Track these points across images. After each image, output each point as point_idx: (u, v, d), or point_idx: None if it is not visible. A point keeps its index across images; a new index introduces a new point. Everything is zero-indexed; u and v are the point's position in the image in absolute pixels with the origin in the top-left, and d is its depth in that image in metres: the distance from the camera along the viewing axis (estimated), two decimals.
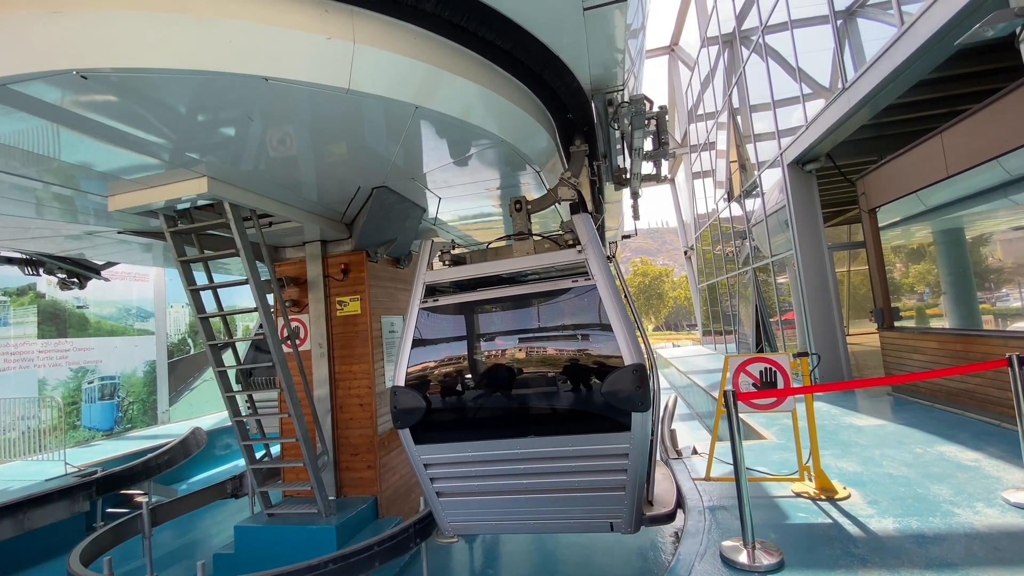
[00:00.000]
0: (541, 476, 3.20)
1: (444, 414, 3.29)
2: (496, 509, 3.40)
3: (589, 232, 3.22)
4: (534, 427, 3.17)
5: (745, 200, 12.37)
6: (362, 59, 2.48)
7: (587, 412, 3.10)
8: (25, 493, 5.99)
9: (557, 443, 3.08)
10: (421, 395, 3.24)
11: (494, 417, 3.28)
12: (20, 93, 2.31)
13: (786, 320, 10.53)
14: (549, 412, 3.19)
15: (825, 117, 7.45)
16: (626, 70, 4.01)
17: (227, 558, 4.63)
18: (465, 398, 3.31)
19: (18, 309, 9.25)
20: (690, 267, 24.49)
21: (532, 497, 3.27)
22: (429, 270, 3.44)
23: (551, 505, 3.28)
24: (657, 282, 65.44)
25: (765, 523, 3.51)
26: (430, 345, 3.38)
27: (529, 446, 3.13)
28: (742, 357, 4.33)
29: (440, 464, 3.33)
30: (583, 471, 3.11)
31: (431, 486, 3.40)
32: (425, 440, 3.28)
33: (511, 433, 3.20)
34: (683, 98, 20.99)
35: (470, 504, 3.42)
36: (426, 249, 3.49)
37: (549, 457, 3.12)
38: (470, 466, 3.30)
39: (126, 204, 3.66)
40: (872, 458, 4.68)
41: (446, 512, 3.49)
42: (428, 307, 3.36)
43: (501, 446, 3.20)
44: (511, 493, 3.30)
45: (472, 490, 3.37)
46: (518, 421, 3.22)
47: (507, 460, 3.21)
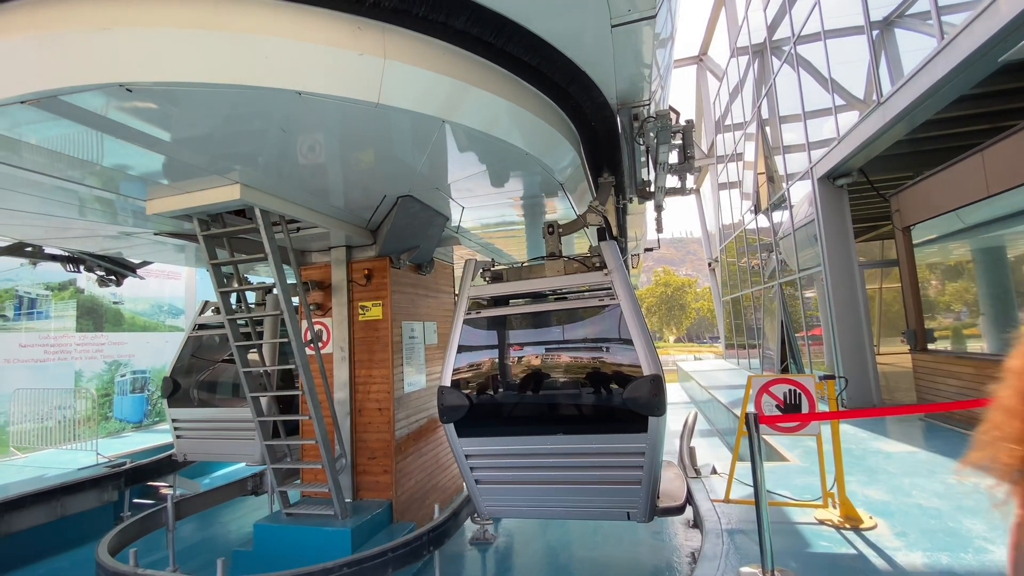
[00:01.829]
0: (567, 469, 3.61)
1: (484, 412, 3.72)
2: (527, 496, 3.81)
3: (615, 258, 3.63)
4: (562, 426, 3.61)
5: (772, 212, 12.13)
6: (392, 74, 2.54)
7: (609, 415, 3.49)
8: (59, 481, 6.23)
9: (582, 441, 3.50)
10: (464, 394, 3.67)
11: (527, 416, 3.75)
12: (68, 103, 2.42)
13: (813, 336, 10.26)
14: (575, 413, 3.64)
15: (858, 131, 7.28)
16: (653, 84, 4.00)
17: (246, 554, 4.73)
18: (502, 398, 3.77)
19: (59, 303, 9.66)
20: (714, 279, 24.10)
21: (559, 487, 3.68)
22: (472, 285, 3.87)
23: (575, 495, 3.67)
24: (680, 293, 64.60)
25: (785, 550, 3.42)
26: (472, 351, 3.84)
27: (557, 442, 3.56)
28: (766, 377, 4.24)
29: (479, 455, 3.76)
30: (604, 467, 3.51)
31: (471, 474, 3.82)
32: (467, 434, 3.71)
33: (542, 430, 3.64)
34: (711, 108, 20.75)
35: (504, 491, 3.85)
36: (469, 267, 3.92)
37: (575, 453, 3.54)
38: (505, 458, 3.74)
39: (163, 208, 3.81)
40: (901, 487, 4.52)
41: (483, 497, 3.90)
42: (471, 318, 3.81)
43: (533, 441, 3.64)
44: (540, 483, 3.72)
45: (506, 479, 3.80)
46: (548, 420, 3.68)
47: (538, 454, 3.64)
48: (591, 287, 3.74)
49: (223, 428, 6.03)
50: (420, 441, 5.88)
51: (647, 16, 2.84)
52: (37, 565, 5.48)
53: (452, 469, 6.76)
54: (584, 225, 4.31)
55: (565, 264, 3.90)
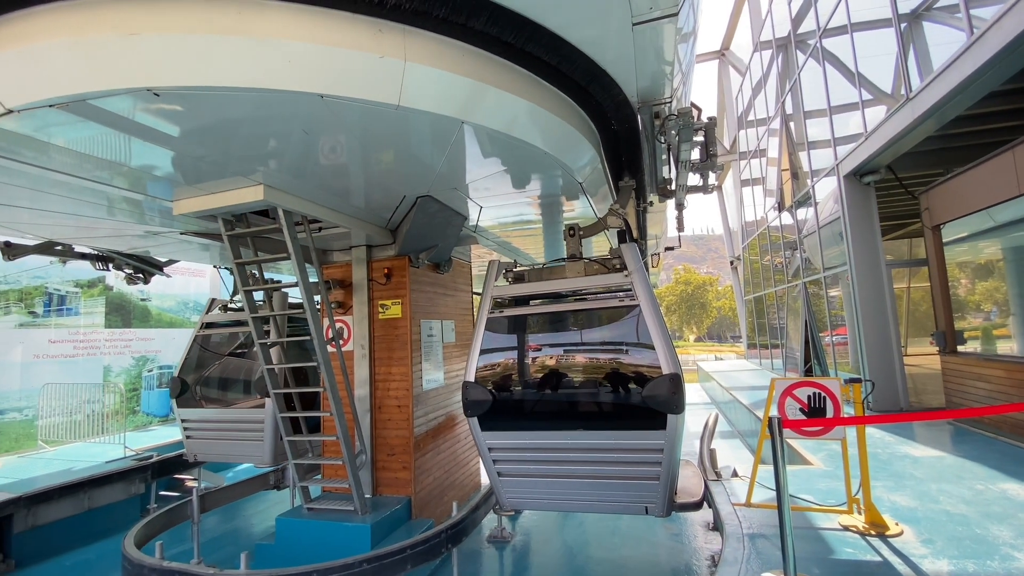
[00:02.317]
0: (587, 463, 3.72)
1: (506, 406, 3.87)
2: (547, 489, 3.91)
3: (636, 261, 3.75)
4: (583, 421, 3.72)
5: (796, 210, 11.89)
6: (412, 76, 2.55)
7: (628, 412, 3.60)
8: (87, 474, 6.42)
9: (602, 436, 3.63)
10: (487, 390, 3.84)
11: (549, 411, 3.88)
12: (97, 107, 2.48)
13: (837, 335, 10.05)
14: (596, 409, 3.74)
15: (886, 128, 7.08)
16: (674, 81, 3.94)
17: (268, 548, 4.82)
18: (524, 394, 3.92)
19: (88, 300, 9.95)
20: (736, 277, 23.75)
21: (579, 481, 3.77)
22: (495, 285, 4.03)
23: (594, 488, 3.76)
24: (700, 291, 63.81)
25: (808, 556, 3.36)
26: (495, 348, 4.00)
27: (578, 438, 3.68)
28: (789, 380, 4.16)
29: (501, 448, 3.90)
30: (623, 462, 3.62)
31: (493, 467, 3.95)
32: (490, 427, 3.85)
33: (563, 426, 3.75)
34: (733, 104, 20.40)
35: (526, 484, 3.95)
36: (492, 268, 4.08)
37: (595, 448, 3.66)
38: (527, 451, 3.88)
39: (189, 208, 3.89)
40: (928, 493, 4.40)
41: (505, 489, 4.00)
42: (494, 317, 3.97)
43: (554, 436, 3.76)
44: (561, 476, 3.82)
45: (528, 472, 3.92)
46: (569, 415, 3.79)
47: (559, 448, 3.76)
48: (611, 288, 3.84)
49: (232, 429, 6.05)
50: (438, 438, 5.92)
51: (669, 14, 2.79)
52: (65, 556, 5.66)
53: (470, 466, 6.79)
54: (605, 228, 4.40)
55: (586, 266, 4.02)
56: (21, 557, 5.43)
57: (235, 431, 6.00)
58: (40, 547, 5.60)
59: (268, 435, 5.64)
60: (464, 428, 6.65)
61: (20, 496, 5.52)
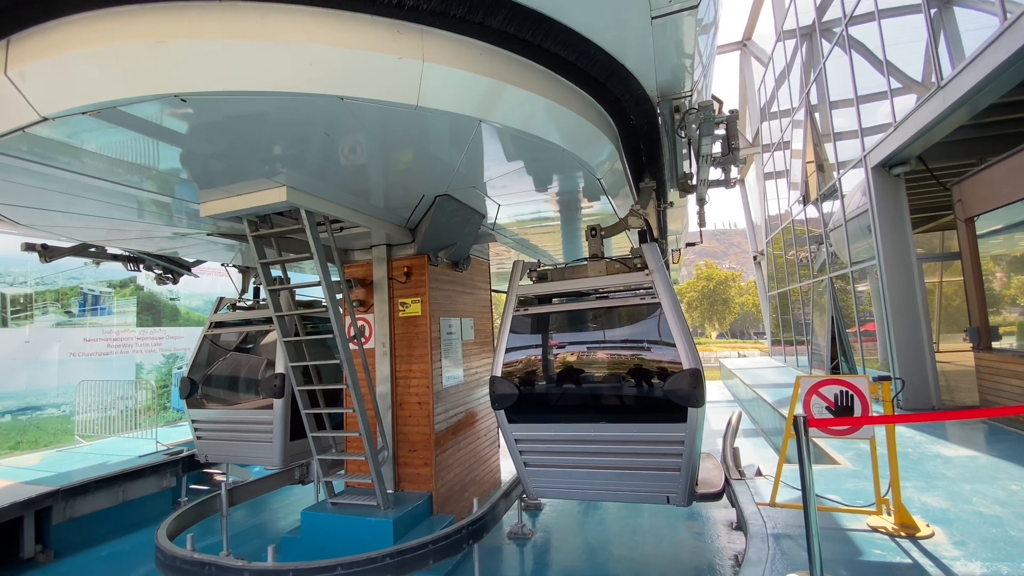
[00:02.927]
0: (611, 455, 3.84)
1: (532, 400, 4.02)
2: (572, 479, 4.04)
3: (656, 260, 3.85)
4: (606, 414, 3.86)
5: (822, 203, 11.62)
6: (430, 76, 2.56)
7: (651, 405, 3.72)
8: (121, 468, 6.65)
9: (625, 429, 3.75)
10: (513, 384, 3.99)
11: (573, 404, 4.03)
12: (128, 113, 2.56)
13: (865, 332, 9.79)
14: (618, 403, 3.89)
15: (916, 117, 6.86)
16: (695, 74, 3.88)
17: (294, 541, 4.92)
18: (549, 388, 4.07)
19: (120, 300, 10.28)
20: (759, 273, 23.31)
21: (603, 471, 3.90)
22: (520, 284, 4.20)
23: (618, 479, 3.89)
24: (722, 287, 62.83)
25: (836, 557, 3.30)
26: (521, 344, 4.17)
27: (602, 430, 3.81)
28: (815, 378, 4.08)
29: (528, 440, 4.04)
30: (646, 453, 3.73)
31: (520, 458, 4.09)
32: (516, 420, 4.01)
33: (588, 418, 3.90)
34: (755, 95, 19.98)
35: (551, 474, 4.09)
36: (517, 268, 4.23)
37: (618, 440, 3.78)
38: (552, 443, 4.00)
39: (215, 211, 3.98)
40: (960, 493, 4.27)
41: (531, 479, 4.15)
42: (519, 315, 4.13)
43: (579, 428, 3.89)
44: (585, 467, 3.95)
45: (553, 463, 4.05)
46: (593, 408, 3.95)
47: (583, 440, 3.88)
48: (633, 287, 3.95)
49: (242, 430, 5.97)
50: (459, 435, 5.97)
51: (689, 6, 2.75)
52: (101, 547, 5.86)
53: (490, 463, 6.83)
54: (626, 228, 4.53)
55: (607, 265, 4.14)
56: (60, 548, 5.65)
57: (244, 432, 5.94)
58: (77, 538, 5.82)
59: (277, 436, 5.57)
60: (484, 425, 6.69)
61: (58, 489, 5.74)
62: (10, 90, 2.45)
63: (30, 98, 2.46)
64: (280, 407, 5.49)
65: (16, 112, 2.53)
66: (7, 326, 8.37)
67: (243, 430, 5.94)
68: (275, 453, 5.59)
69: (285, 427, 5.54)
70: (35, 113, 2.50)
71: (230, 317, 6.46)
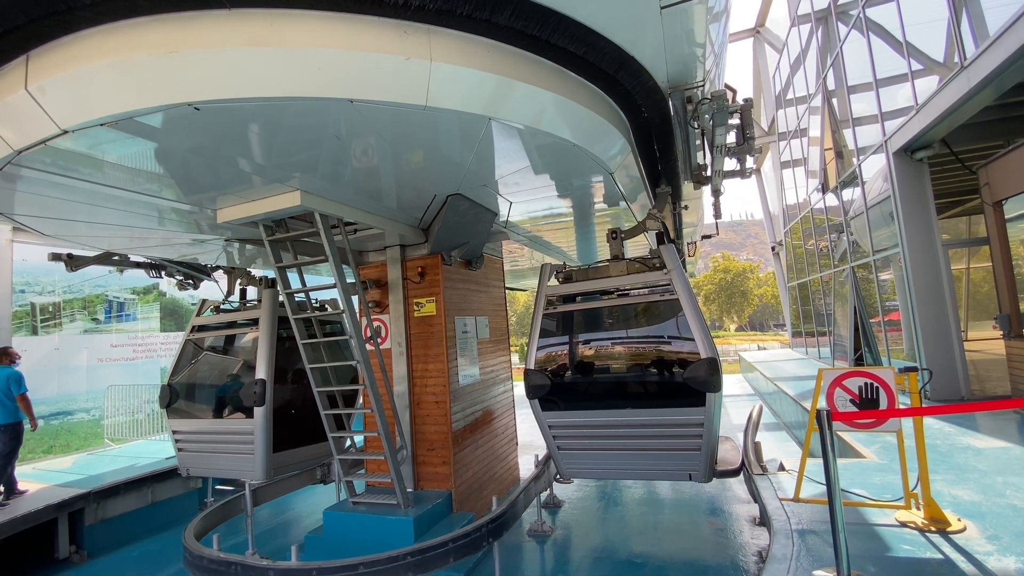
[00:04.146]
0: (636, 437, 4.23)
1: (563, 389, 4.42)
2: (602, 460, 4.45)
3: (673, 260, 4.23)
4: (632, 400, 4.26)
5: (842, 191, 11.36)
6: (438, 76, 2.56)
7: (672, 391, 4.08)
8: (149, 470, 6.80)
9: (649, 413, 4.13)
10: (546, 375, 4.40)
11: (601, 392, 4.44)
12: (144, 124, 2.60)
13: (889, 321, 9.57)
14: (642, 390, 4.30)
15: (939, 99, 6.66)
16: (707, 63, 3.81)
17: (317, 539, 4.99)
18: (578, 378, 4.49)
19: (144, 306, 10.53)
20: (778, 264, 22.92)
21: (630, 452, 4.29)
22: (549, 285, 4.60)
23: (644, 459, 4.28)
24: (740, 279, 61.96)
25: (863, 553, 3.23)
26: (551, 339, 4.61)
27: (628, 415, 4.19)
28: (838, 371, 3.99)
29: (560, 426, 4.43)
30: (669, 435, 4.12)
31: (553, 442, 4.50)
32: (549, 408, 4.40)
33: (615, 404, 4.28)
34: (770, 83, 19.61)
35: (583, 456, 4.50)
36: (546, 270, 4.66)
37: (643, 423, 4.16)
38: (583, 428, 4.38)
39: (232, 216, 4.04)
40: (993, 486, 4.15)
41: (563, 461, 4.58)
42: (549, 312, 4.55)
43: (607, 414, 4.27)
44: (614, 449, 4.34)
45: (583, 445, 4.45)
46: (620, 395, 4.36)
47: (611, 424, 4.26)
48: (652, 284, 4.30)
49: (223, 441, 5.64)
50: (476, 433, 5.98)
51: None
52: (132, 547, 6.01)
53: (508, 461, 6.83)
54: (644, 230, 4.82)
55: (628, 265, 4.50)
56: (93, 548, 5.81)
57: (225, 443, 5.62)
58: (109, 539, 5.98)
59: (259, 448, 5.28)
60: (501, 423, 6.70)
61: (90, 491, 5.90)
62: (31, 105, 2.51)
63: (50, 111, 2.52)
64: (261, 416, 5.26)
65: (38, 126, 2.59)
66: (37, 334, 8.62)
67: (224, 441, 5.63)
68: (257, 466, 5.33)
69: (267, 438, 5.30)
70: (55, 126, 2.56)
71: (213, 321, 6.17)
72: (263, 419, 5.27)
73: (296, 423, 5.96)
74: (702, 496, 6.14)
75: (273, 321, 5.63)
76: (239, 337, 6.05)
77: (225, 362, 6.09)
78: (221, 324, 6.13)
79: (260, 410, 5.27)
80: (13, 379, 5.89)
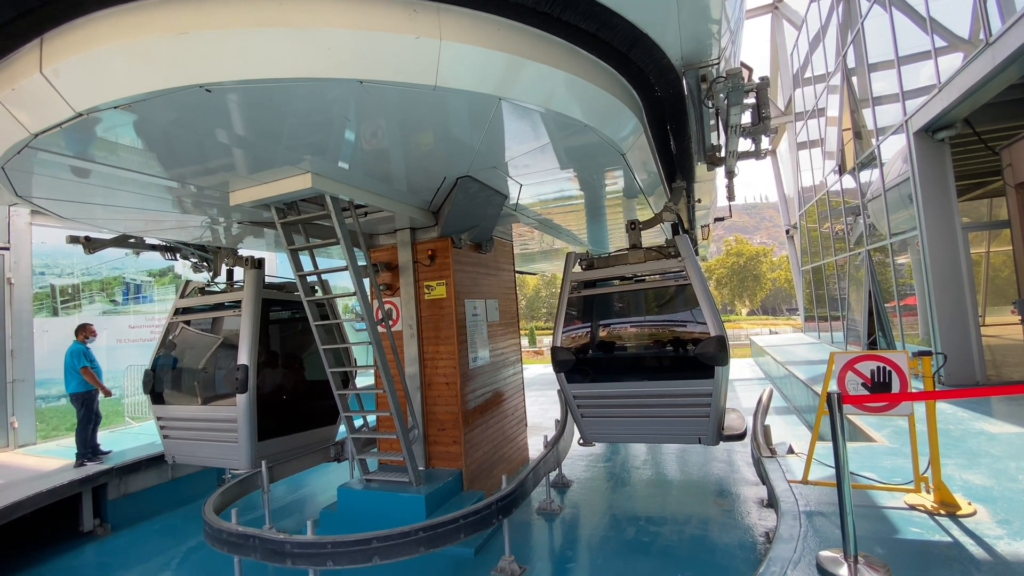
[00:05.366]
0: (653, 406, 4.73)
1: (586, 364, 4.95)
2: (621, 426, 4.99)
3: (687, 249, 4.70)
4: (648, 373, 4.79)
5: (859, 172, 11.12)
6: (448, 55, 2.53)
7: (684, 365, 4.57)
8: None
9: (664, 384, 4.66)
10: (571, 351, 4.96)
11: (620, 366, 4.99)
12: (157, 106, 2.62)
13: (905, 306, 9.43)
14: (658, 364, 4.82)
15: (963, 77, 6.45)
16: (722, 41, 3.72)
17: (332, 515, 5.12)
18: (599, 354, 5.04)
19: (161, 288, 10.68)
20: (792, 247, 22.61)
21: (646, 419, 4.82)
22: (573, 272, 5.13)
23: (658, 425, 4.81)
24: (753, 263, 61.27)
25: (871, 535, 3.24)
26: (576, 319, 5.14)
27: (644, 386, 4.73)
28: (850, 354, 3.96)
29: (583, 396, 4.97)
30: (681, 404, 4.62)
31: (577, 410, 5.04)
32: (574, 380, 4.94)
33: (632, 377, 4.83)
34: (788, 61, 19.11)
35: (603, 423, 5.04)
36: (570, 259, 5.18)
37: (658, 394, 4.68)
38: (604, 398, 4.91)
39: (244, 199, 4.07)
40: (1005, 471, 4.12)
41: (587, 428, 5.12)
42: (573, 296, 5.07)
43: (626, 385, 4.81)
44: (632, 416, 4.86)
45: (605, 414, 4.97)
46: (637, 369, 4.89)
47: (630, 395, 4.79)
48: (667, 271, 4.76)
49: (207, 428, 5.44)
50: (486, 414, 6.05)
51: None
52: (153, 521, 6.22)
53: (518, 441, 6.92)
54: (661, 222, 5.25)
55: (645, 253, 4.96)
56: (116, 522, 6.02)
57: (209, 431, 5.43)
58: (131, 513, 6.18)
59: (243, 436, 5.12)
60: (511, 404, 6.77)
61: (113, 467, 6.09)
62: (46, 88, 2.54)
63: (65, 94, 2.54)
64: (244, 403, 5.10)
65: (53, 109, 2.62)
66: (58, 315, 8.81)
67: (208, 428, 5.45)
68: (241, 454, 5.18)
69: (251, 425, 5.15)
70: (70, 109, 2.59)
71: (197, 303, 5.97)
72: (246, 406, 5.10)
73: (284, 409, 5.80)
74: (710, 478, 6.18)
75: (256, 303, 5.41)
76: (225, 320, 5.81)
77: (209, 346, 5.83)
78: (205, 307, 5.93)
79: (243, 397, 5.09)
80: (78, 353, 6.44)
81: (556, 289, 71.12)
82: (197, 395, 5.71)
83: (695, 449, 7.32)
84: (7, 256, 7.87)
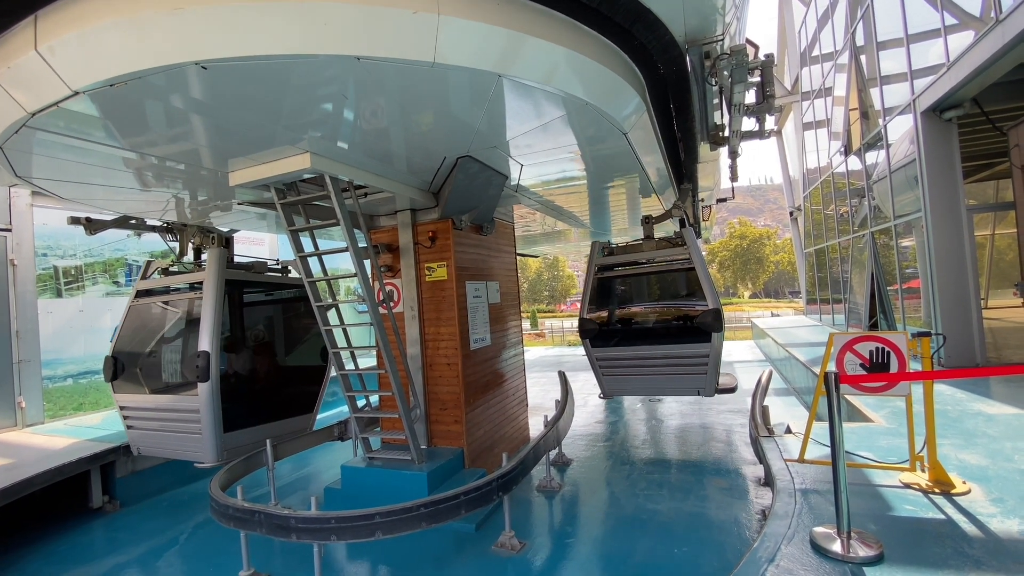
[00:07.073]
0: (661, 365, 5.87)
1: (608, 332, 6.25)
2: (634, 382, 6.16)
3: (692, 240, 5.82)
4: (657, 338, 6.02)
5: (865, 153, 11.00)
6: (446, 30, 2.49)
7: (687, 332, 5.72)
8: None
9: (670, 348, 5.81)
10: (595, 321, 6.19)
11: (635, 333, 6.30)
12: (153, 84, 2.60)
13: (908, 288, 9.41)
14: (666, 331, 6.09)
15: (972, 55, 6.33)
16: (727, 16, 3.66)
17: (335, 492, 5.21)
18: (619, 324, 6.36)
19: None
20: (796, 229, 22.48)
21: (654, 376, 5.96)
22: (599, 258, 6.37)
23: (665, 380, 5.93)
24: (756, 245, 60.99)
25: (865, 512, 3.29)
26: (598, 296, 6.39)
27: (654, 349, 5.90)
28: (850, 335, 3.97)
29: (605, 358, 6.19)
30: (684, 363, 5.74)
31: (600, 371, 6.26)
32: (597, 345, 6.17)
33: (645, 342, 6.02)
34: (795, 38, 18.76)
35: (620, 380, 6.22)
36: (595, 248, 6.39)
37: (665, 355, 5.83)
38: (621, 359, 6.11)
39: (243, 179, 4.05)
40: (1001, 451, 4.16)
41: (606, 384, 6.32)
42: (599, 277, 6.34)
43: (639, 349, 6.00)
44: (643, 374, 6.01)
45: (621, 372, 6.16)
46: (648, 335, 6.15)
47: (642, 357, 5.96)
48: (675, 257, 5.91)
49: (169, 419, 5.19)
50: (487, 394, 6.11)
51: None
52: (161, 497, 6.33)
53: (518, 421, 6.99)
54: (670, 217, 6.52)
55: (657, 243, 6.16)
56: (124, 498, 6.13)
57: (173, 421, 5.15)
58: (139, 489, 6.30)
59: (207, 427, 4.86)
60: (512, 384, 6.82)
61: (120, 445, 6.18)
62: (41, 66, 2.52)
63: (60, 72, 2.52)
64: (206, 392, 4.83)
65: (50, 87, 2.60)
66: (62, 296, 8.86)
67: (171, 419, 5.17)
68: (206, 446, 4.94)
69: (215, 416, 4.90)
70: (66, 87, 2.57)
71: (159, 284, 5.67)
72: (209, 395, 4.82)
73: (255, 398, 5.62)
74: (708, 457, 6.25)
75: (219, 284, 5.09)
76: (192, 303, 5.47)
77: (172, 331, 5.51)
78: (165, 288, 5.64)
79: (205, 386, 4.81)
80: None
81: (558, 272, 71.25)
82: (160, 383, 5.45)
83: (694, 429, 7.39)
84: (9, 237, 7.89)
